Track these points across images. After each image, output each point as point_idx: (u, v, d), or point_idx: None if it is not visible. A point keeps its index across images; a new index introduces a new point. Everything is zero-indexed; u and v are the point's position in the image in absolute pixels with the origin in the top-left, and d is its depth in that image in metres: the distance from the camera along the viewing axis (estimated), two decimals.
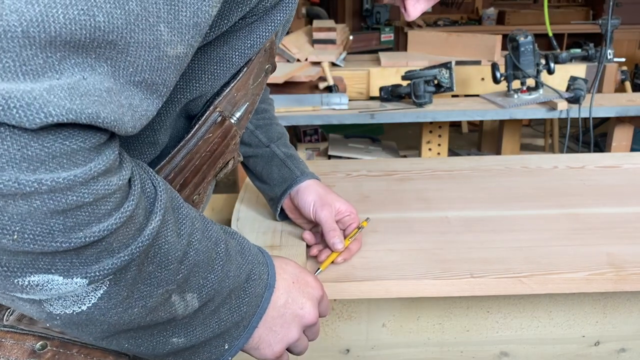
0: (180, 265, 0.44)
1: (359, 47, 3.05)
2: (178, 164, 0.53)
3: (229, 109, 0.55)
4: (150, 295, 0.42)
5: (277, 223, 0.91)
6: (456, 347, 0.89)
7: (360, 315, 0.86)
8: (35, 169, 0.32)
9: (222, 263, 0.49)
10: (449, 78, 1.98)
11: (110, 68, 0.35)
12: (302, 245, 0.83)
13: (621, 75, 2.35)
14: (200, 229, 0.47)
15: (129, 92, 0.37)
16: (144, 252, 0.40)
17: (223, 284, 0.49)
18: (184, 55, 0.40)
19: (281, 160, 0.86)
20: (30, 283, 0.36)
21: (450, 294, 0.75)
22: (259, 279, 0.53)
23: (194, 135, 0.53)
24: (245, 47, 0.51)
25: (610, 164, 1.18)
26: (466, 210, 0.96)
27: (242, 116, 0.58)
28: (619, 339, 0.88)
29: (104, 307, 0.40)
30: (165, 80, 0.40)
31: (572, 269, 0.76)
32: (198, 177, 0.56)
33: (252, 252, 0.55)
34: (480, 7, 5.34)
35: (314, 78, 2.15)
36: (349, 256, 0.80)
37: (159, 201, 0.42)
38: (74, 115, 0.33)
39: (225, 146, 0.58)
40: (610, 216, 0.93)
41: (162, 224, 0.42)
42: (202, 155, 0.55)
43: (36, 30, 0.31)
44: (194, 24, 0.39)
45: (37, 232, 0.34)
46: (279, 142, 0.87)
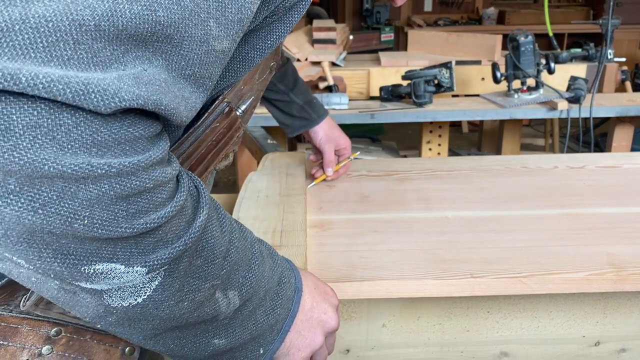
0: (224, 260, 0.46)
1: (359, 46, 3.05)
2: (186, 150, 0.54)
3: (235, 100, 0.56)
4: (198, 289, 0.44)
5: (277, 223, 0.91)
6: (456, 347, 0.89)
7: (360, 316, 0.86)
8: (103, 154, 0.34)
9: (257, 263, 0.50)
10: (449, 78, 1.98)
11: (165, 61, 0.37)
12: (302, 245, 0.83)
13: (621, 75, 2.35)
14: (238, 229, 0.49)
15: (180, 85, 0.39)
16: (194, 244, 0.42)
17: (260, 283, 0.50)
18: (228, 50, 0.42)
19: (300, 106, 1.07)
20: (95, 271, 0.37)
21: (450, 294, 0.75)
22: (289, 283, 0.55)
23: (202, 124, 0.54)
24: (265, 46, 0.53)
25: (611, 164, 1.18)
26: (466, 210, 0.96)
27: (247, 109, 0.59)
28: (619, 339, 0.88)
29: (158, 300, 0.42)
30: (211, 74, 0.42)
31: (572, 269, 0.76)
32: (202, 165, 0.58)
33: (280, 257, 0.57)
34: (480, 6, 5.34)
35: (314, 78, 2.14)
36: (336, 177, 1.13)
37: (202, 197, 0.44)
38: (142, 101, 0.35)
39: (230, 137, 0.59)
40: (610, 216, 0.93)
41: (208, 218, 0.44)
42: (208, 144, 0.57)
43: (106, 24, 0.33)
44: (239, 20, 0.41)
45: (104, 217, 0.35)
46: (295, 89, 1.07)
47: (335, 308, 0.60)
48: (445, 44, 2.52)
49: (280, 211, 0.94)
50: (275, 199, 1.00)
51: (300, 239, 0.85)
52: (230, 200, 1.16)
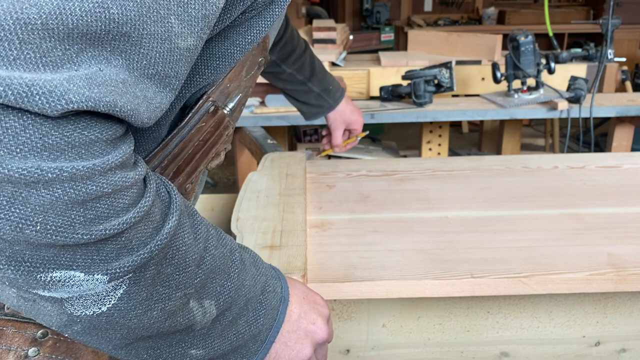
0: (198, 269, 0.45)
1: (359, 46, 3.05)
2: (171, 152, 0.54)
3: (222, 99, 0.56)
4: (169, 297, 0.43)
5: (277, 223, 0.91)
6: (456, 348, 0.89)
7: (360, 316, 0.86)
8: (55, 158, 0.33)
9: (237, 271, 0.49)
10: (449, 78, 1.98)
11: (125, 61, 0.36)
12: (302, 245, 0.83)
13: (622, 75, 2.35)
14: (215, 236, 0.48)
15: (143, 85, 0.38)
16: (162, 251, 0.41)
17: (239, 292, 0.49)
18: (194, 47, 0.41)
19: (317, 94, 1.12)
20: (52, 279, 0.36)
21: (450, 294, 0.75)
22: (274, 292, 0.53)
23: (187, 124, 0.54)
24: (246, 42, 0.52)
25: (611, 164, 1.18)
26: (466, 210, 0.96)
27: (235, 107, 0.58)
28: (619, 339, 0.88)
29: (124, 309, 0.40)
30: (177, 72, 0.41)
31: (573, 269, 0.76)
32: (191, 166, 0.57)
33: (265, 265, 0.55)
34: (480, 6, 5.34)
35: None
36: (343, 150, 1.26)
37: (174, 203, 0.43)
38: (93, 103, 0.34)
39: (218, 136, 0.58)
40: (610, 216, 0.92)
41: (178, 225, 0.43)
42: (195, 144, 0.56)
43: (54, 23, 0.32)
44: (203, 16, 0.40)
45: (59, 223, 0.34)
46: (313, 78, 1.10)
47: (326, 318, 0.58)
48: (445, 43, 2.52)
49: (280, 211, 0.94)
50: (275, 199, 1.00)
51: (300, 239, 0.84)
52: (230, 200, 1.16)
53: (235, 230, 0.87)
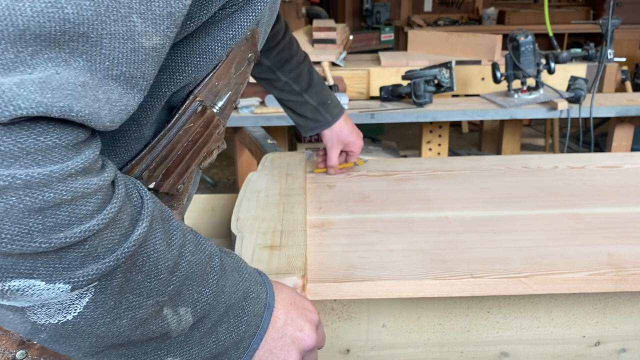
0: (172, 276, 0.43)
1: (359, 46, 3.05)
2: (159, 154, 0.53)
3: (210, 98, 0.55)
4: (139, 305, 0.42)
5: (277, 223, 0.91)
6: (456, 348, 0.89)
7: (360, 316, 0.86)
8: (9, 165, 0.32)
9: (217, 277, 0.48)
10: (449, 78, 1.98)
11: (86, 62, 0.35)
12: (302, 245, 0.83)
13: (622, 75, 2.35)
14: (193, 242, 0.47)
15: (107, 87, 0.37)
16: (130, 258, 0.40)
17: (219, 299, 0.48)
18: (161, 46, 0.40)
19: (314, 107, 1.06)
20: (10, 288, 0.35)
21: (450, 294, 0.75)
22: (258, 298, 0.52)
23: (175, 125, 0.53)
24: (227, 37, 0.50)
25: (611, 164, 1.18)
26: (466, 210, 0.96)
27: (225, 105, 0.57)
28: (619, 339, 0.88)
29: (91, 317, 0.39)
30: (144, 73, 0.40)
31: (573, 269, 0.76)
32: (181, 166, 0.56)
33: (249, 270, 0.54)
34: (480, 6, 5.34)
35: None
36: (337, 173, 1.16)
37: (145, 209, 0.42)
38: (44, 109, 0.32)
39: (209, 136, 0.57)
40: (610, 216, 0.93)
41: (149, 231, 0.41)
42: (185, 145, 0.55)
43: (4, 24, 0.31)
44: (168, 14, 0.39)
45: (15, 231, 0.33)
46: (309, 90, 1.05)
47: (314, 324, 0.57)
48: (445, 43, 2.52)
49: (280, 211, 0.94)
50: (275, 199, 1.00)
51: (300, 239, 0.84)
52: (230, 200, 1.16)
53: (235, 230, 0.87)
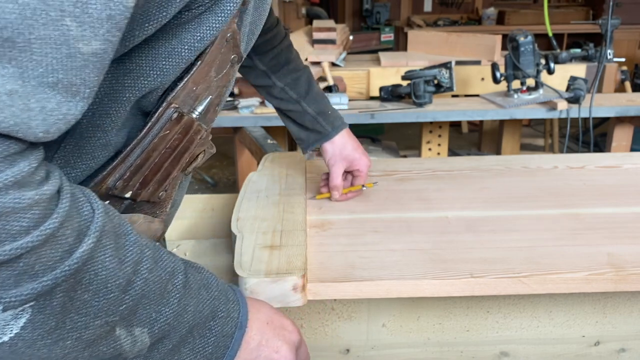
0: (124, 294, 0.41)
1: (359, 47, 3.05)
2: (133, 163, 0.51)
3: (189, 103, 0.53)
4: (86, 326, 0.39)
5: (277, 223, 0.91)
6: (456, 347, 0.89)
7: (360, 315, 0.86)
8: None
9: (178, 296, 0.46)
10: (449, 78, 1.98)
11: (16, 69, 0.33)
12: (302, 245, 0.83)
13: (621, 75, 2.35)
14: (152, 258, 0.44)
15: (42, 95, 0.35)
16: (73, 276, 0.38)
17: (180, 319, 0.46)
18: (102, 51, 0.37)
19: (313, 117, 0.97)
20: None
21: (450, 294, 0.75)
22: (228, 317, 0.50)
23: (149, 133, 0.51)
24: (195, 40, 0.48)
25: (611, 164, 1.18)
26: (466, 210, 0.96)
27: (206, 110, 0.55)
28: (619, 339, 0.88)
29: (29, 339, 0.37)
30: (85, 79, 0.37)
31: (572, 268, 0.76)
32: (160, 174, 0.55)
33: (220, 288, 0.51)
34: (480, 7, 5.34)
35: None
36: (343, 199, 1.00)
37: (95, 224, 0.39)
38: None
39: (189, 142, 0.56)
40: (610, 216, 0.93)
41: (96, 247, 0.39)
42: (162, 153, 0.53)
43: None
44: (108, 17, 0.36)
45: None
46: (307, 97, 0.97)
47: (293, 345, 0.55)
48: (445, 44, 2.52)
49: (280, 211, 0.94)
50: (275, 199, 1.00)
51: (300, 239, 0.85)
52: (230, 200, 1.16)
53: (236, 230, 0.87)
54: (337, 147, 0.98)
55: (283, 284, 0.72)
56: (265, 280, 0.72)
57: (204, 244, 0.99)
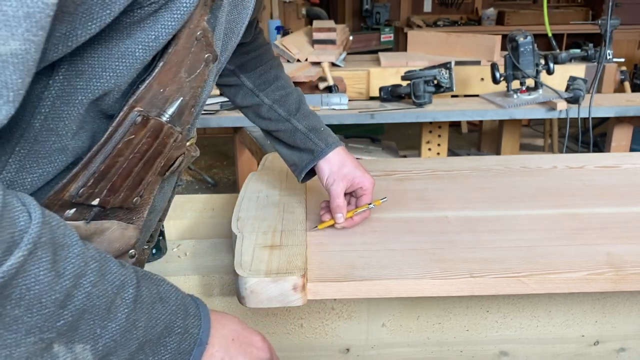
0: (62, 309, 0.39)
1: (359, 47, 3.05)
2: (97, 169, 0.48)
3: (158, 105, 0.51)
4: (17, 344, 0.38)
5: (277, 223, 0.91)
6: (456, 347, 0.89)
7: (360, 315, 0.87)
8: None
9: (127, 311, 0.44)
10: (448, 78, 1.98)
11: None
12: (302, 245, 0.83)
13: (620, 75, 2.35)
14: (98, 271, 0.42)
15: None
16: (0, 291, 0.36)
17: (129, 335, 0.44)
18: (24, 52, 0.36)
19: (304, 134, 0.89)
20: None
21: (449, 293, 0.76)
22: (186, 333, 0.48)
23: (111, 138, 0.48)
24: (149, 39, 0.46)
25: (610, 164, 1.18)
26: (466, 210, 0.96)
27: (178, 111, 0.53)
28: (618, 339, 0.89)
29: None
30: (6, 82, 0.35)
31: (572, 268, 0.76)
32: (132, 180, 0.52)
33: (180, 302, 0.49)
34: (479, 7, 5.34)
35: (314, 78, 2.15)
36: (349, 225, 0.88)
37: (29, 235, 0.37)
38: None
39: (162, 145, 0.53)
40: (609, 216, 0.93)
41: (28, 260, 0.37)
42: (131, 158, 0.50)
43: None
44: (25, 15, 0.35)
45: None
46: (298, 114, 0.90)
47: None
48: (444, 44, 2.53)
49: (280, 211, 0.95)
50: (275, 199, 1.00)
51: (300, 239, 0.85)
52: (231, 200, 1.17)
53: (236, 230, 0.88)
54: (335, 165, 0.88)
55: (283, 284, 0.72)
56: (265, 280, 0.72)
57: (204, 244, 0.99)
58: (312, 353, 0.91)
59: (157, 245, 0.93)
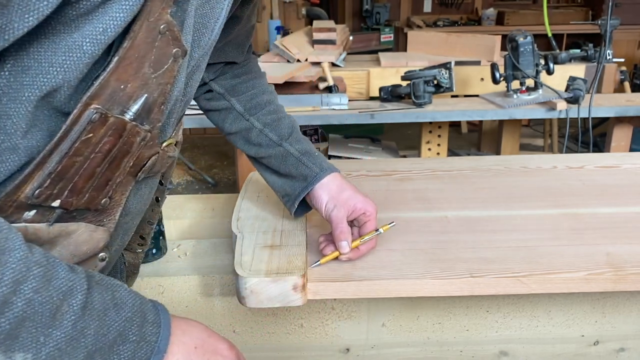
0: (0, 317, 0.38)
1: (358, 47, 3.06)
2: (53, 170, 0.47)
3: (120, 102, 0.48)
4: None
5: (277, 223, 0.91)
6: (456, 347, 0.89)
7: (360, 315, 0.87)
8: None
9: (74, 318, 0.42)
10: (448, 78, 1.98)
11: None
12: (303, 245, 0.83)
13: (620, 75, 2.36)
14: (42, 277, 0.40)
15: None
16: None
17: (76, 343, 0.42)
18: None
19: (297, 159, 0.83)
20: None
21: (449, 293, 0.76)
22: (142, 341, 0.46)
23: (66, 137, 0.46)
24: (97, 32, 0.44)
25: (610, 164, 1.18)
26: (465, 210, 0.96)
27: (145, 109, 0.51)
28: (618, 339, 0.89)
29: None
30: None
31: (571, 268, 0.76)
32: (95, 180, 0.50)
33: (137, 309, 0.47)
34: (479, 7, 5.35)
35: (314, 78, 2.15)
36: (355, 256, 0.79)
37: None
38: None
39: (127, 145, 0.51)
40: (609, 216, 0.93)
41: None
42: (92, 158, 0.49)
43: None
44: None
45: None
46: (290, 138, 0.84)
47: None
48: (444, 44, 2.53)
49: (280, 211, 0.95)
50: (275, 199, 1.00)
51: (300, 239, 0.85)
52: (231, 200, 1.17)
53: (236, 230, 0.88)
54: (333, 190, 0.81)
55: (283, 284, 0.72)
56: (265, 280, 0.72)
57: (204, 244, 0.99)
58: (312, 353, 0.91)
59: (157, 245, 0.93)
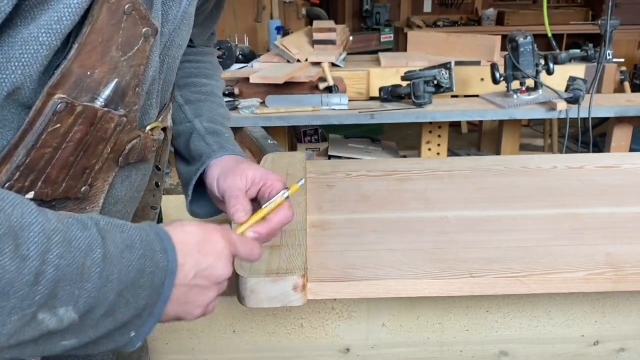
0: (36, 286, 0.40)
1: (358, 47, 3.06)
2: (21, 163, 0.46)
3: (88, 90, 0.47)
4: (2, 324, 0.38)
5: None
6: (455, 347, 0.89)
7: (360, 315, 0.87)
8: None
9: (99, 270, 0.44)
10: (448, 78, 1.99)
11: None
12: (302, 245, 0.83)
13: (620, 75, 2.36)
14: (62, 242, 0.42)
15: None
16: None
17: (105, 289, 0.44)
18: None
19: (200, 136, 0.72)
20: None
21: (449, 293, 0.76)
22: (157, 269, 0.49)
23: (30, 130, 0.46)
24: (52, 21, 0.43)
25: (610, 164, 1.18)
26: (466, 210, 0.96)
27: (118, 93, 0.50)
28: (618, 339, 0.89)
29: None
30: None
31: (571, 268, 0.76)
32: (70, 169, 0.50)
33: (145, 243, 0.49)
34: (479, 7, 5.35)
35: (314, 78, 2.15)
36: (266, 231, 0.64)
37: None
38: None
39: (101, 132, 0.50)
40: (609, 216, 0.93)
41: None
42: (63, 148, 0.48)
43: None
44: None
45: None
46: (203, 118, 0.74)
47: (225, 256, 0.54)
48: (444, 44, 2.53)
49: None
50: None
51: (300, 239, 0.85)
52: None
53: None
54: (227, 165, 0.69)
55: (283, 284, 0.72)
56: (265, 280, 0.72)
57: None
58: (312, 353, 0.91)
59: None
